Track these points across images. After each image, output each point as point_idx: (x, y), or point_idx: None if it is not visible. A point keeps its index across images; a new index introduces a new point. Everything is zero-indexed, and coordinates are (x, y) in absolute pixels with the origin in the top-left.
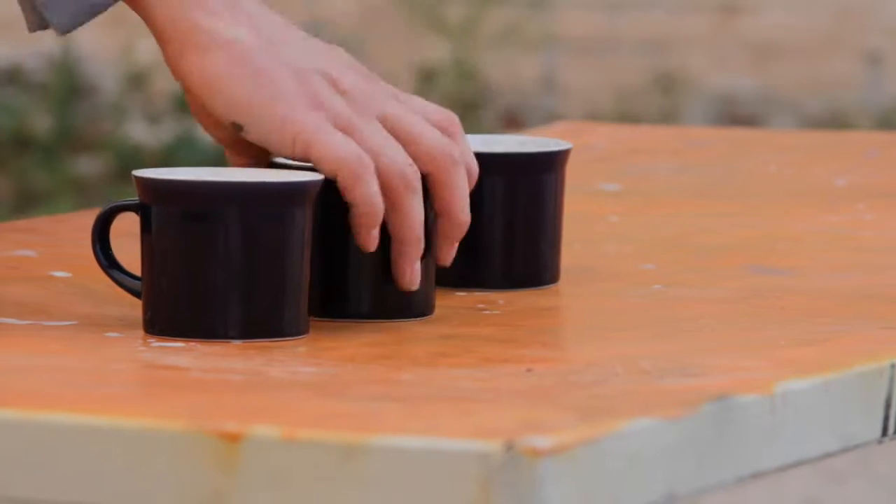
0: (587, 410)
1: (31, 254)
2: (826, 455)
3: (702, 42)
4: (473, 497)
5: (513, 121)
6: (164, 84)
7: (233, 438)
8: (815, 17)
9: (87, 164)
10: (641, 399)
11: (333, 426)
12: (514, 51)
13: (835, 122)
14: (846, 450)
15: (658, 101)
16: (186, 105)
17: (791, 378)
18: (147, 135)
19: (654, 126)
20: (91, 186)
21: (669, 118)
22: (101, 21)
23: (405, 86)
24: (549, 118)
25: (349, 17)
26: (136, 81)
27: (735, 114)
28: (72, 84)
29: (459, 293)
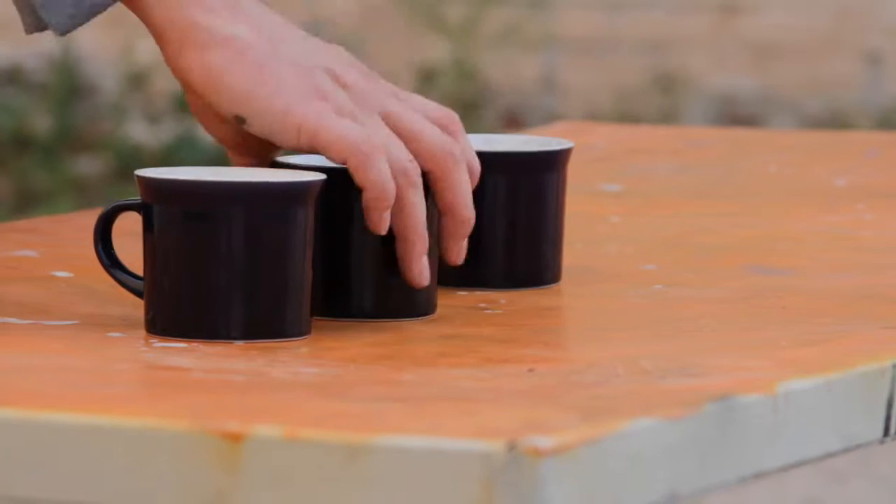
0: (589, 410)
1: (32, 254)
2: (828, 455)
3: (702, 42)
4: (476, 497)
5: (513, 121)
6: (164, 84)
7: (235, 438)
8: (815, 17)
9: (87, 164)
10: (643, 399)
11: (335, 426)
12: (514, 51)
13: (835, 122)
14: (848, 450)
15: (658, 101)
16: (186, 105)
17: (793, 378)
18: (147, 135)
19: (654, 126)
20: (91, 186)
21: (669, 118)
22: (101, 21)
23: (405, 86)
24: (549, 118)
25: (349, 17)
26: (136, 81)
27: (735, 114)
28: (72, 84)
29: (461, 292)
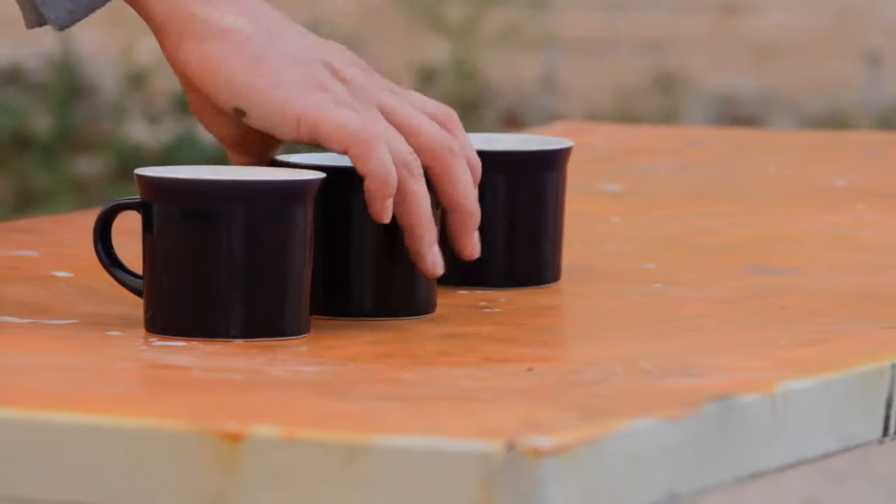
0: (588, 410)
1: (32, 254)
2: (826, 455)
3: (702, 42)
4: (475, 497)
5: (513, 121)
6: (164, 84)
7: (234, 438)
8: (815, 17)
9: (87, 164)
10: (642, 399)
11: (335, 426)
12: (514, 51)
13: (835, 122)
14: (847, 450)
15: (658, 101)
16: (186, 105)
17: (792, 378)
18: (147, 135)
19: (654, 126)
20: (91, 186)
21: (669, 118)
22: (101, 21)
23: (405, 85)
24: (549, 118)
25: (349, 17)
26: (136, 81)
27: (735, 114)
28: (72, 84)
29: (461, 291)
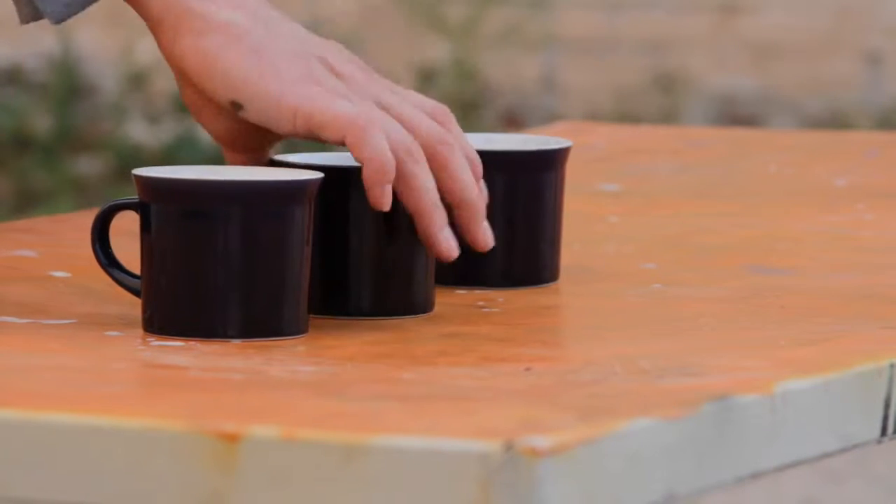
0: (586, 410)
1: (31, 254)
2: (825, 455)
3: (702, 42)
4: (473, 497)
5: (513, 121)
6: (164, 84)
7: (232, 439)
8: (815, 17)
9: (87, 164)
10: (641, 399)
11: (333, 426)
12: (514, 51)
13: (835, 122)
14: (845, 450)
15: (658, 101)
16: (185, 104)
17: (791, 378)
18: (147, 135)
19: (654, 126)
20: (91, 186)
21: (669, 118)
22: (101, 21)
23: (405, 85)
24: (549, 118)
25: (349, 17)
26: (136, 81)
27: (735, 114)
28: (72, 84)
29: (459, 291)
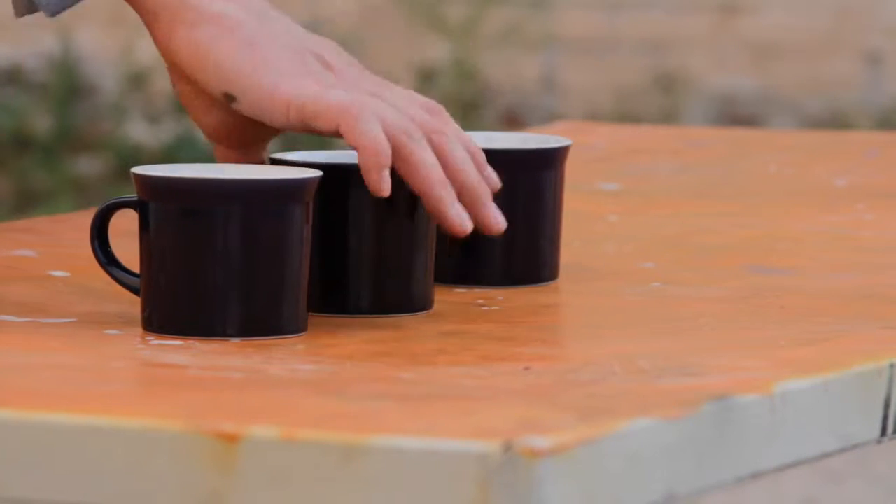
0: (586, 410)
1: (31, 253)
2: (825, 455)
3: (702, 42)
4: (472, 497)
5: (513, 120)
6: (164, 84)
7: (231, 439)
8: (815, 17)
9: (87, 164)
10: (640, 399)
11: (332, 426)
12: (514, 51)
13: (835, 122)
14: (845, 450)
15: (658, 101)
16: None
17: (790, 378)
18: (147, 135)
19: (654, 126)
20: (91, 186)
21: (669, 118)
22: (101, 21)
23: (405, 86)
24: (549, 118)
25: (349, 17)
26: (136, 81)
27: (735, 114)
28: (72, 84)
29: (459, 289)
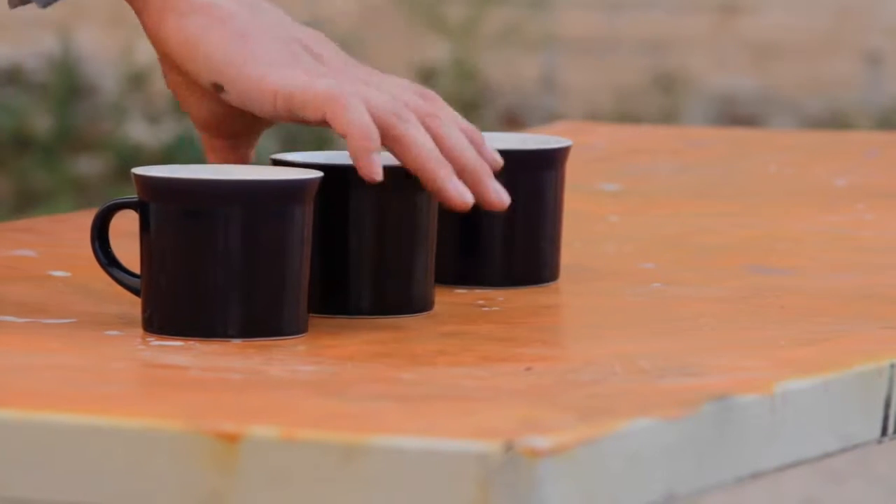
0: (586, 410)
1: (31, 253)
2: (825, 455)
3: (702, 42)
4: (473, 497)
5: (513, 121)
6: (164, 84)
7: (231, 439)
8: (815, 17)
9: (87, 164)
10: (640, 399)
11: (333, 426)
12: (514, 51)
13: (835, 122)
14: (846, 450)
15: (658, 101)
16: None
17: (791, 378)
18: (147, 135)
19: (654, 126)
20: (91, 186)
21: (669, 118)
22: (101, 21)
23: None
24: (549, 118)
25: (349, 17)
26: (136, 81)
27: (735, 114)
28: (72, 84)
29: (459, 290)
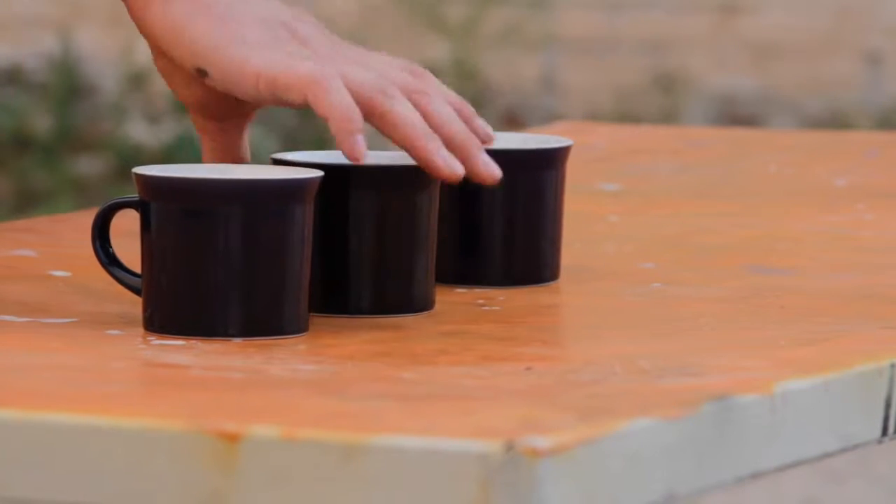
0: (586, 410)
1: (31, 253)
2: (826, 455)
3: (702, 42)
4: (473, 497)
5: (513, 121)
6: (164, 84)
7: (232, 438)
8: (815, 17)
9: (87, 164)
10: (640, 399)
11: (333, 426)
12: (514, 51)
13: (835, 122)
14: (846, 450)
15: (658, 101)
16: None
17: (791, 378)
18: (147, 135)
19: (654, 126)
20: (91, 186)
21: (669, 118)
22: (101, 21)
23: None
24: (549, 118)
25: (349, 17)
26: (136, 81)
27: (735, 114)
28: (72, 84)
29: (459, 289)
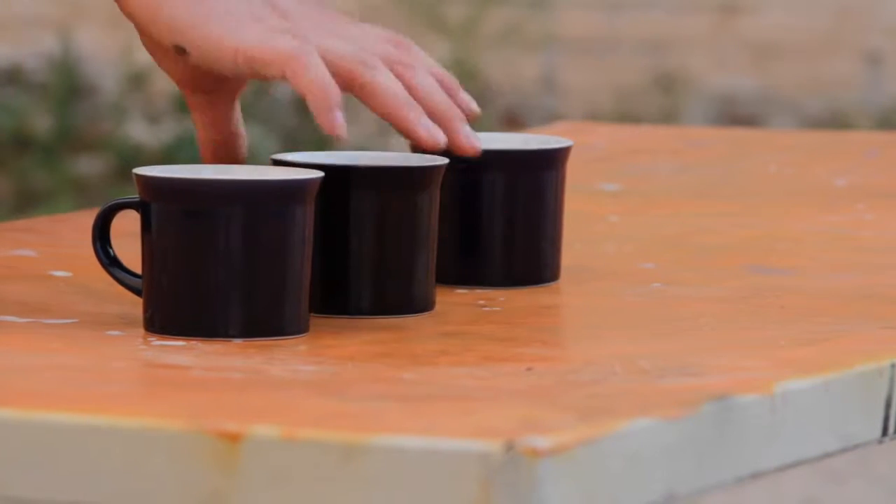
0: (586, 410)
1: (31, 253)
2: (826, 455)
3: (702, 42)
4: (473, 497)
5: (513, 121)
6: (164, 84)
7: (232, 438)
8: (815, 17)
9: (87, 164)
10: (640, 399)
11: (333, 426)
12: (514, 51)
13: (835, 122)
14: (846, 450)
15: (658, 101)
16: (185, 104)
17: (791, 378)
18: (147, 135)
19: (654, 126)
20: (91, 186)
21: (669, 118)
22: (101, 21)
23: None
24: (550, 118)
25: (349, 17)
26: (136, 81)
27: (735, 114)
28: (72, 84)
29: (460, 290)
